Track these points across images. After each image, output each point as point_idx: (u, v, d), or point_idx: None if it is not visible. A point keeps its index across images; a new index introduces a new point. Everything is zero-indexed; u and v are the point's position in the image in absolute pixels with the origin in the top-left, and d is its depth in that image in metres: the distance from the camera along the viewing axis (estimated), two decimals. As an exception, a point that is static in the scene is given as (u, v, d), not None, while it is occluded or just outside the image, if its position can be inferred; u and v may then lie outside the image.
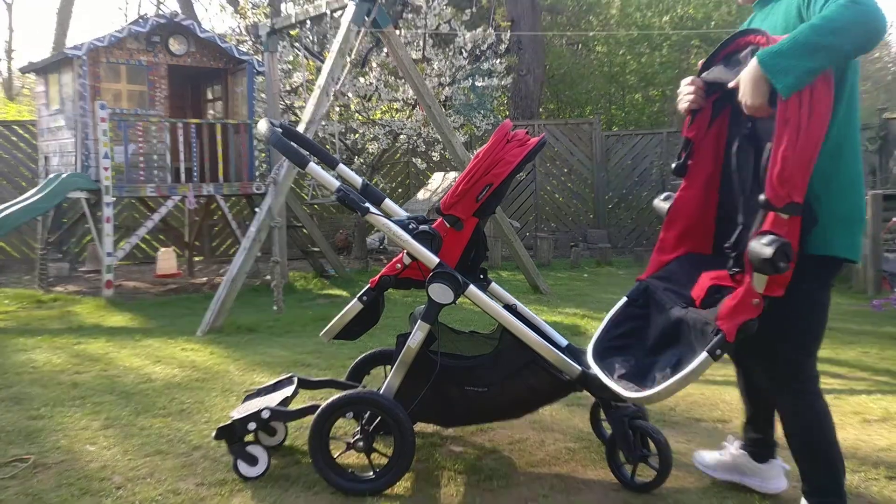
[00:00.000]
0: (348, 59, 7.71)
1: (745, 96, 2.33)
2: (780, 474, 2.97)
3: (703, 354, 2.33)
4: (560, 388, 3.14)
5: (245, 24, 11.69)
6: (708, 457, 3.12)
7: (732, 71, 2.45)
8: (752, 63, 2.29)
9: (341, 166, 3.57)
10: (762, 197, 2.32)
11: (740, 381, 3.01)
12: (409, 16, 10.98)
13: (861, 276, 8.09)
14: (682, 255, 2.68)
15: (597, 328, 2.85)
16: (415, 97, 9.80)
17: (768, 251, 2.25)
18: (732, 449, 3.05)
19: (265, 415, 3.19)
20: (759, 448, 2.98)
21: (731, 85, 2.41)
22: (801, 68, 2.20)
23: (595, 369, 2.59)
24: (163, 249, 9.90)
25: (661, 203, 2.74)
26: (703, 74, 2.63)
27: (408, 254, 3.11)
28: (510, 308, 3.31)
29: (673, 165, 2.73)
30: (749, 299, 2.36)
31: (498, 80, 11.19)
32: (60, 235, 9.60)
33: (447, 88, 10.93)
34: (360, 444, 3.05)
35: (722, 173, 2.71)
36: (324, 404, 3.08)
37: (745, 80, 2.32)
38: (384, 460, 3.06)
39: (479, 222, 3.11)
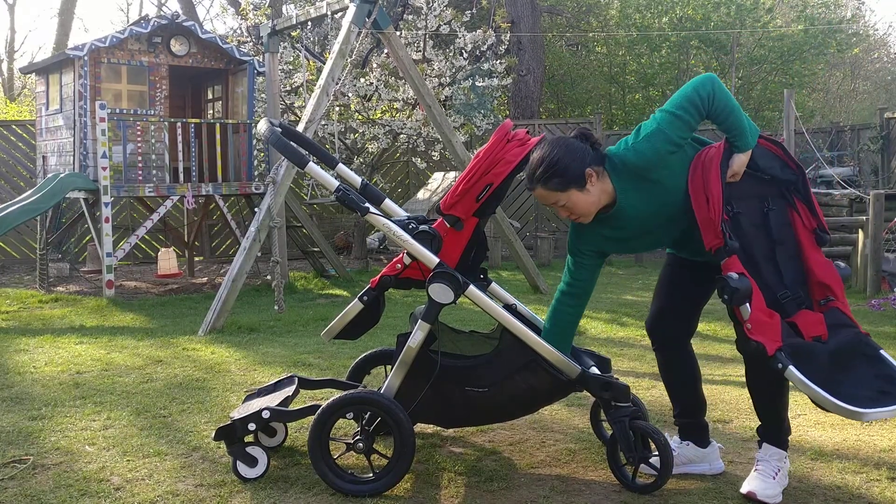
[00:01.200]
0: (349, 60, 7.72)
1: (738, 176, 2.92)
2: (719, 455, 3.26)
3: (882, 351, 2.80)
4: (560, 389, 3.14)
5: (246, 26, 11.70)
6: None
7: None
8: (744, 156, 2.90)
9: (341, 166, 3.57)
10: (825, 235, 2.95)
11: (665, 374, 3.27)
12: (410, 17, 10.98)
13: (861, 276, 8.08)
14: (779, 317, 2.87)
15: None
16: (415, 97, 9.80)
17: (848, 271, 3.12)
18: (674, 445, 3.19)
19: (265, 415, 3.18)
20: (700, 432, 3.22)
21: (732, 179, 2.91)
22: (751, 123, 2.93)
23: (877, 410, 2.65)
24: (163, 249, 9.89)
25: (744, 282, 2.77)
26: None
27: (408, 254, 3.11)
28: (510, 308, 3.31)
29: (730, 246, 2.80)
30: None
31: (498, 81, 11.19)
32: (59, 235, 9.60)
33: (447, 89, 10.93)
34: (360, 444, 3.04)
35: None
36: (324, 404, 3.07)
37: (743, 166, 2.90)
38: (384, 461, 3.06)
39: (479, 222, 3.11)
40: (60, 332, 6.42)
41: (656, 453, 2.99)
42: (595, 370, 3.17)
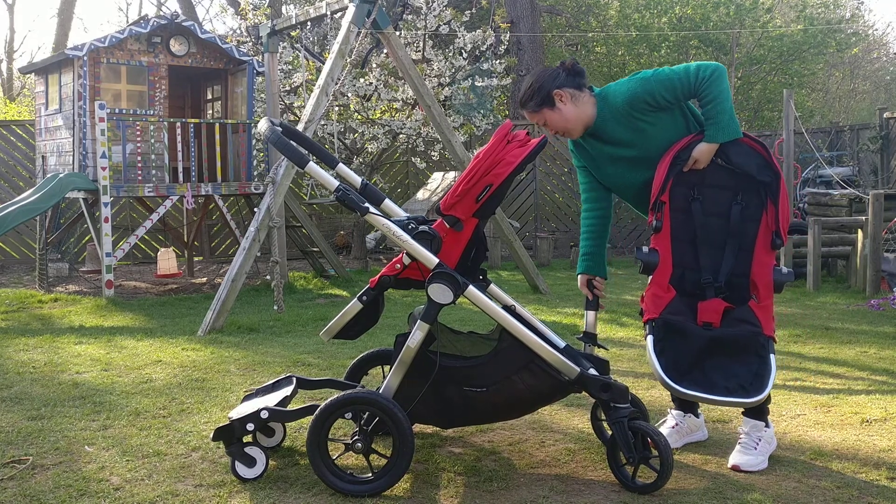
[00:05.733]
0: (348, 60, 7.72)
1: (702, 164, 3.16)
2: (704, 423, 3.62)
3: (772, 356, 3.03)
4: (559, 389, 3.14)
5: (245, 25, 11.69)
6: (669, 437, 3.39)
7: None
8: (707, 146, 3.12)
9: (341, 166, 3.56)
10: (778, 240, 3.13)
11: None
12: (409, 17, 10.98)
13: (860, 276, 8.08)
14: (675, 294, 3.17)
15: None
16: (414, 97, 9.80)
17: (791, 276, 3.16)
18: (680, 419, 3.52)
19: (263, 415, 3.18)
20: (694, 404, 3.51)
21: (686, 168, 3.16)
22: (734, 123, 3.12)
23: (693, 393, 2.97)
24: (163, 249, 9.89)
25: (651, 257, 3.17)
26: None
27: (407, 254, 3.11)
28: (509, 309, 3.31)
29: (654, 225, 3.19)
30: (772, 313, 3.12)
31: (498, 81, 11.19)
32: (59, 235, 9.60)
33: (447, 89, 10.92)
34: (359, 444, 3.04)
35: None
36: (323, 405, 3.07)
37: (705, 154, 3.13)
38: (383, 461, 3.06)
39: (479, 223, 3.11)
40: (60, 332, 6.41)
41: (656, 454, 2.99)
42: (594, 371, 3.17)
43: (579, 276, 3.55)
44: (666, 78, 3.10)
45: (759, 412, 3.28)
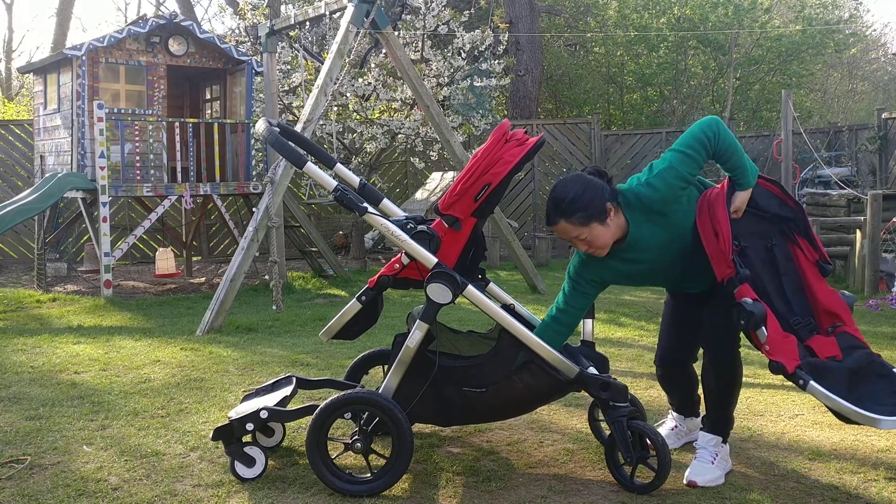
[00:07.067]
0: (347, 60, 7.72)
1: (741, 212, 3.05)
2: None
3: (895, 370, 2.95)
4: (558, 389, 3.14)
5: (244, 25, 11.70)
6: (668, 439, 3.38)
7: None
8: (745, 193, 3.03)
9: (339, 166, 3.56)
10: (827, 266, 3.07)
11: (668, 387, 3.54)
12: (408, 17, 10.99)
13: (858, 276, 8.09)
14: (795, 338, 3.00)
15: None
16: (413, 97, 9.80)
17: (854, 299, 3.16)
18: (679, 421, 3.52)
19: (263, 415, 3.18)
20: (695, 407, 3.52)
21: (734, 215, 3.04)
22: (752, 164, 3.06)
23: (868, 413, 2.78)
24: (161, 249, 9.89)
25: (759, 307, 2.92)
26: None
27: (406, 254, 3.11)
28: (508, 308, 3.31)
29: (743, 274, 2.95)
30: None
31: (496, 81, 11.19)
32: (57, 235, 9.59)
33: (445, 89, 10.93)
34: (358, 444, 3.05)
35: None
36: (322, 404, 3.07)
37: (744, 203, 3.04)
38: (382, 461, 3.06)
39: (477, 222, 3.10)
40: (58, 331, 6.41)
41: (654, 453, 2.99)
42: (593, 370, 3.17)
43: None
44: (685, 157, 2.96)
45: (721, 430, 3.16)
